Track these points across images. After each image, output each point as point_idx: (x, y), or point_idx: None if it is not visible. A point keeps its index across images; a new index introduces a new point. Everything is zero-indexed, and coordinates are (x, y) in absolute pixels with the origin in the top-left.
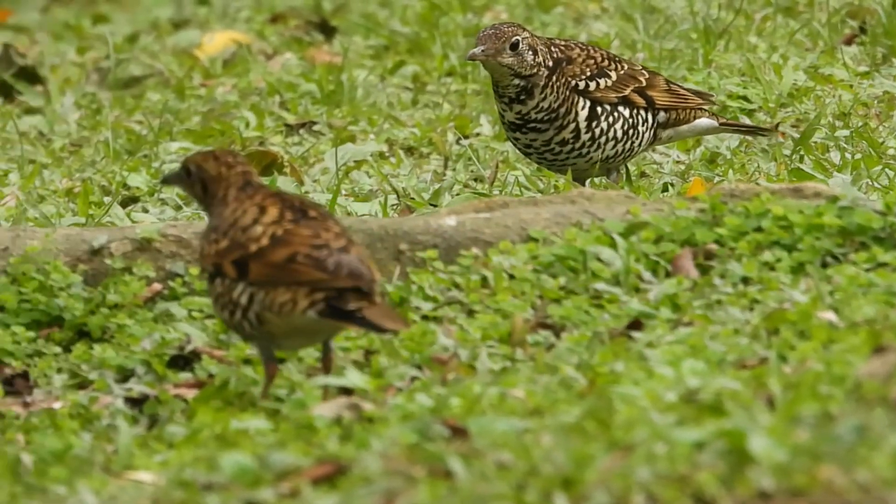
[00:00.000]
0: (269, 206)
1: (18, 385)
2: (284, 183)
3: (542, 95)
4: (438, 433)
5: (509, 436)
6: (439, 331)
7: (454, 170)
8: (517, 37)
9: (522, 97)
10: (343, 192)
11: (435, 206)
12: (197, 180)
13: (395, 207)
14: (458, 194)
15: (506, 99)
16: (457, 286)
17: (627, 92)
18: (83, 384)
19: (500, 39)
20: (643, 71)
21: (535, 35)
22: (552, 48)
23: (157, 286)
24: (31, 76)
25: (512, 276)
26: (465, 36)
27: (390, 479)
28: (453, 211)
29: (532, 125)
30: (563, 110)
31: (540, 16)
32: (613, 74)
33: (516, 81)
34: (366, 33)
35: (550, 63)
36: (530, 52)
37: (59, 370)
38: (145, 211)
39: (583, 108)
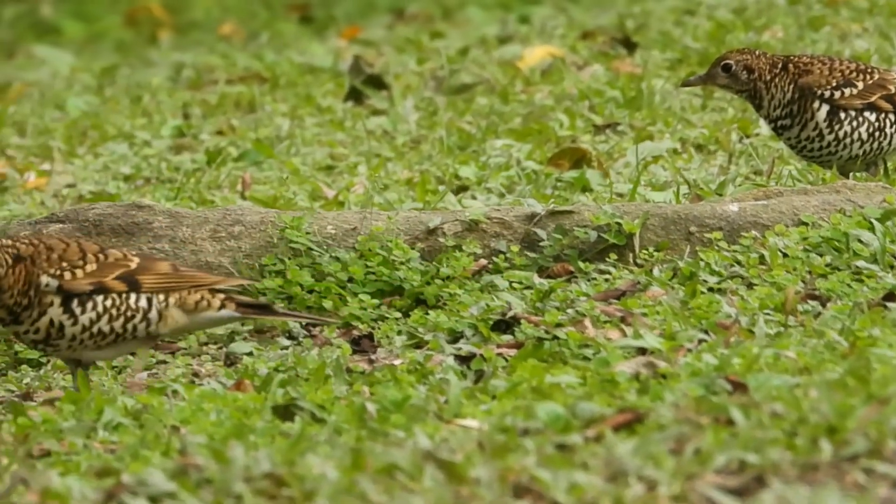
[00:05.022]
0: None
1: (364, 345)
2: (593, 176)
3: (769, 103)
4: (722, 387)
5: (782, 390)
6: (723, 301)
7: (737, 164)
8: (729, 60)
9: (756, 104)
10: (643, 182)
11: (720, 195)
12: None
13: (686, 196)
14: (740, 185)
15: (754, 108)
16: (738, 263)
17: (873, 99)
18: (419, 344)
19: (713, 65)
20: None
21: (762, 54)
22: (775, 64)
23: (482, 261)
24: (377, 83)
25: (785, 255)
26: None
27: (681, 427)
28: (736, 199)
29: (781, 124)
30: (795, 108)
31: (811, 34)
32: (860, 84)
33: (742, 97)
34: (663, 48)
35: (768, 77)
36: (745, 72)
37: (399, 332)
38: (473, 198)
39: (818, 109)
